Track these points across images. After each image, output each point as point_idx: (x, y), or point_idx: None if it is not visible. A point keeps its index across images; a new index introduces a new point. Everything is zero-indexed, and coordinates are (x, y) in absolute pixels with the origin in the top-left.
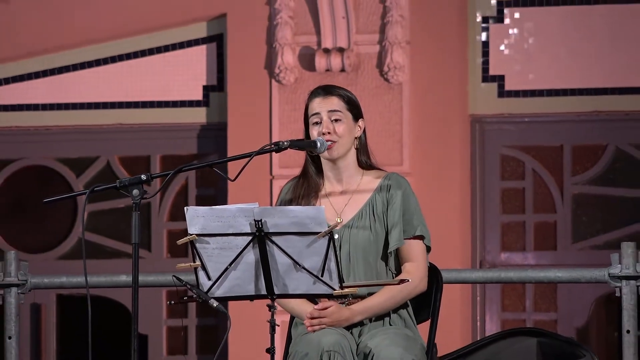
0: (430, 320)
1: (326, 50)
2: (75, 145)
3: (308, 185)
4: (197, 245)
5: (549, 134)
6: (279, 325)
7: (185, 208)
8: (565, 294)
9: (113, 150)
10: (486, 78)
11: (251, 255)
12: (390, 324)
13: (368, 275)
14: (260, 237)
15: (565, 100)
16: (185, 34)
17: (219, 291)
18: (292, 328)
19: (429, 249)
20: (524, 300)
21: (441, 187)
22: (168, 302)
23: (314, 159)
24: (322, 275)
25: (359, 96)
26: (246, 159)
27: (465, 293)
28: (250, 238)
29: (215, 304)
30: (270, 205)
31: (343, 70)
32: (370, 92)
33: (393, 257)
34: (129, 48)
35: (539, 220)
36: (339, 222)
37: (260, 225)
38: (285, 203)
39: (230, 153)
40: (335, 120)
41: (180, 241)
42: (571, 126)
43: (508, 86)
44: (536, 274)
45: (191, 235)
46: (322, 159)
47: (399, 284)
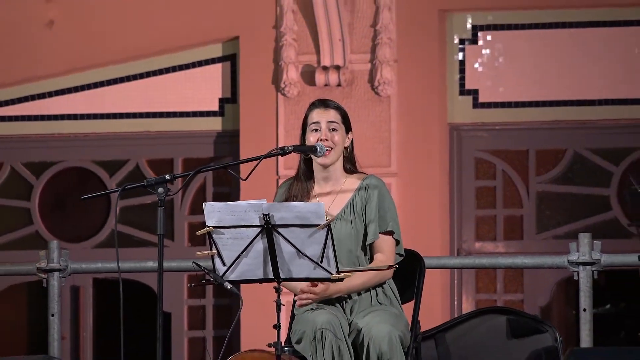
0: (414, 300)
1: (325, 68)
2: (108, 150)
3: (301, 187)
4: (214, 235)
5: (516, 140)
6: (284, 305)
7: (203, 204)
8: (530, 277)
9: (141, 153)
10: (462, 92)
11: (260, 245)
12: (379, 303)
13: (350, 262)
14: (268, 229)
15: (531, 111)
16: (204, 54)
17: (233, 275)
18: (295, 309)
19: (398, 242)
20: (495, 283)
21: (424, 186)
22: (188, 285)
23: (306, 163)
24: (322, 262)
25: (352, 107)
26: (256, 161)
27: (444, 277)
28: (259, 229)
29: (229, 286)
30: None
31: (339, 85)
32: (362, 104)
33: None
34: (155, 66)
35: (508, 214)
36: (333, 217)
37: (268, 219)
38: (282, 201)
39: (242, 156)
40: (332, 129)
41: (199, 232)
42: (535, 133)
43: (481, 99)
44: (505, 260)
45: (208, 227)
46: (315, 163)
47: (387, 270)
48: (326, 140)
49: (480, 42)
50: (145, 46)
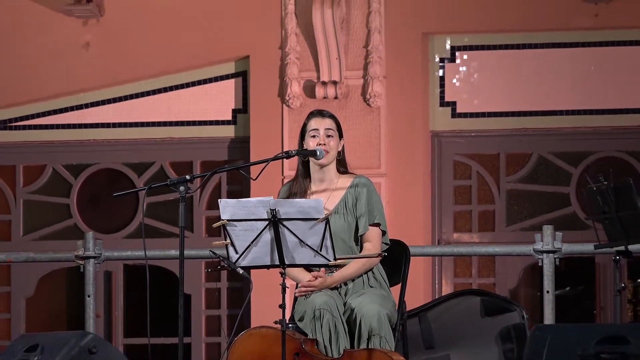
0: (400, 283)
1: (324, 83)
2: (137, 154)
3: (299, 186)
4: (228, 227)
5: (489, 145)
6: (288, 288)
7: (218, 200)
8: (501, 264)
9: (165, 157)
10: (442, 103)
11: (267, 235)
12: (370, 286)
13: (344, 251)
14: (275, 222)
15: (501, 120)
16: (219, 71)
17: (244, 262)
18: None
19: (384, 232)
20: (471, 269)
21: (409, 184)
22: (206, 270)
23: (304, 166)
24: (321, 250)
25: (347, 117)
26: (264, 164)
27: (427, 263)
28: (267, 222)
29: (241, 271)
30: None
31: (336, 97)
32: (356, 114)
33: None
34: (177, 81)
35: (481, 209)
36: (330, 211)
37: (274, 213)
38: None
39: (252, 159)
40: (328, 135)
41: (215, 225)
42: (505, 139)
43: (459, 110)
44: (479, 249)
45: (223, 220)
46: (312, 165)
47: (377, 257)
48: (324, 145)
49: (457, 61)
50: (168, 64)
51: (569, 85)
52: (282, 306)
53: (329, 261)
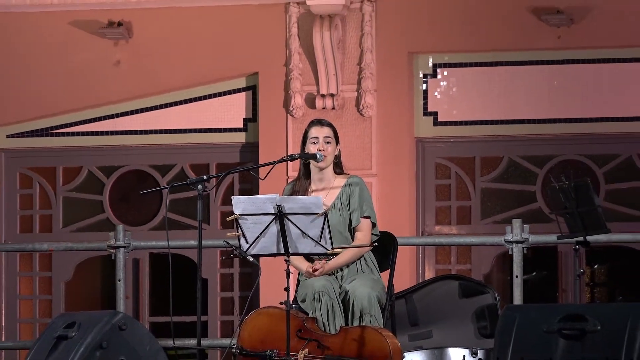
0: (389, 269)
1: (323, 95)
2: (161, 157)
3: (301, 185)
4: (239, 221)
5: (466, 149)
6: (292, 273)
7: (232, 197)
8: (476, 252)
9: (185, 159)
10: (425, 113)
11: (274, 228)
12: (362, 272)
13: (340, 241)
14: (280, 216)
15: (476, 128)
16: (232, 85)
17: (253, 251)
18: (300, 276)
19: (374, 224)
20: (450, 257)
21: (396, 184)
22: (221, 258)
23: (305, 168)
24: (320, 241)
25: (343, 125)
26: (271, 165)
27: (412, 252)
28: (273, 216)
29: (251, 259)
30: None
31: (334, 108)
32: (351, 122)
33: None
34: (195, 94)
35: (459, 205)
36: (328, 207)
37: (280, 208)
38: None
39: (261, 162)
40: (326, 142)
41: (228, 218)
42: (480, 145)
43: (440, 119)
44: (458, 239)
45: (236, 214)
46: (312, 167)
47: (369, 247)
48: (323, 150)
49: (439, 76)
50: (188, 79)
51: (535, 97)
52: (287, 289)
53: (327, 250)
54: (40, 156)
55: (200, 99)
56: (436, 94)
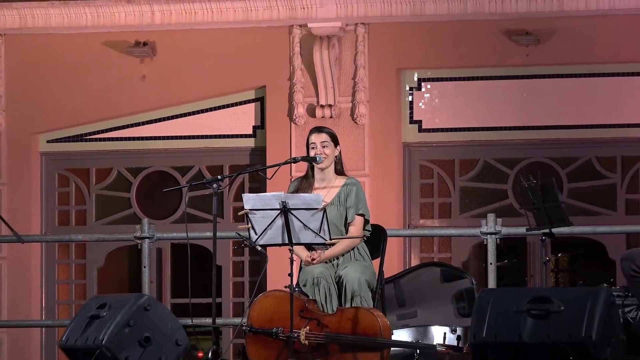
0: (379, 257)
1: (322, 106)
2: (181, 159)
3: (307, 183)
4: (249, 215)
5: (447, 153)
6: (295, 260)
7: (242, 194)
8: (455, 242)
9: (202, 162)
10: (411, 121)
11: (279, 221)
12: (355, 260)
13: (336, 234)
14: (285, 211)
15: (456, 134)
16: (242, 97)
17: (261, 241)
18: (301, 263)
19: (367, 221)
20: (433, 246)
21: (386, 182)
22: (233, 247)
23: (310, 168)
24: (320, 232)
25: (339, 132)
26: (277, 167)
27: (399, 242)
28: (279, 211)
29: (259, 248)
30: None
31: (331, 117)
32: (346, 130)
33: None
34: (211, 104)
35: (441, 201)
36: (327, 203)
37: (285, 205)
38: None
39: (268, 164)
40: (324, 146)
41: (240, 213)
42: (459, 149)
43: (424, 126)
44: (439, 231)
45: (246, 209)
46: (315, 168)
47: (359, 239)
48: (321, 154)
49: (423, 89)
50: (204, 92)
51: (507, 108)
52: (290, 275)
53: (326, 241)
54: (75, 159)
55: (215, 109)
56: (421, 104)
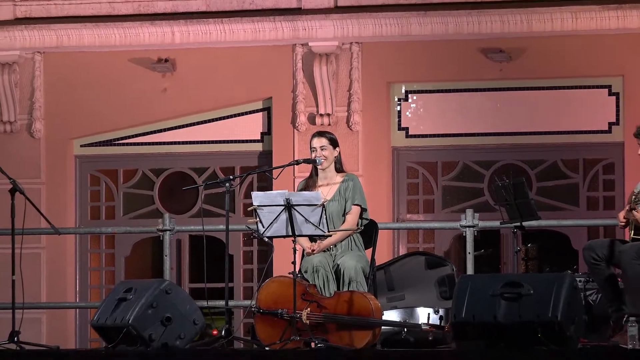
0: (372, 247)
1: (321, 115)
2: (198, 162)
3: (312, 182)
4: (257, 210)
5: (431, 156)
6: (297, 250)
7: (252, 192)
8: (438, 234)
9: (216, 164)
10: (399, 128)
11: (284, 216)
12: (351, 249)
13: (337, 224)
14: (289, 207)
15: (439, 139)
16: (251, 107)
17: (268, 233)
18: (303, 252)
19: (365, 210)
20: (418, 237)
21: (377, 182)
22: (244, 239)
23: (314, 169)
24: (319, 225)
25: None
26: (281, 168)
27: (389, 234)
28: (283, 207)
29: (266, 239)
30: (294, 191)
31: (329, 124)
32: (342, 135)
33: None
34: (224, 114)
35: (425, 198)
36: (326, 199)
37: (288, 201)
38: (301, 190)
39: (274, 165)
40: (322, 149)
41: (249, 208)
42: (441, 152)
43: (410, 132)
44: (424, 224)
45: (254, 205)
46: (318, 168)
47: (355, 230)
48: (320, 156)
49: (410, 100)
50: (218, 102)
51: (483, 116)
52: (293, 263)
53: (324, 232)
54: (105, 161)
55: (227, 117)
56: (407, 113)
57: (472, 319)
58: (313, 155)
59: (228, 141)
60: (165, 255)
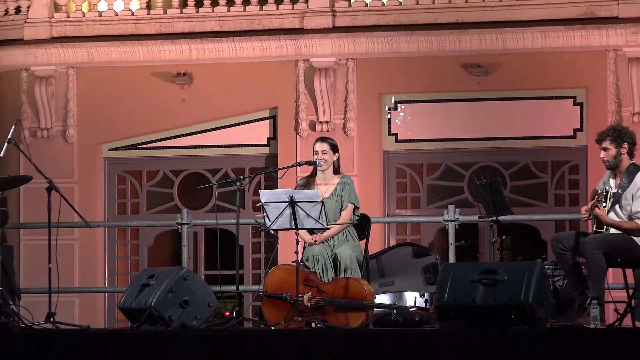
0: (366, 239)
1: (320, 122)
2: (212, 163)
3: (312, 181)
4: (264, 206)
5: (417, 158)
6: (300, 241)
7: (260, 190)
8: (424, 227)
9: (228, 165)
10: (390, 134)
11: (288, 211)
12: (347, 240)
13: (334, 219)
14: (292, 203)
15: (424, 144)
16: (259, 115)
17: (274, 227)
18: (305, 243)
19: (357, 208)
20: (406, 230)
21: (370, 181)
22: (252, 231)
23: (315, 169)
24: (319, 219)
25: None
26: (285, 169)
27: (380, 227)
28: (287, 203)
29: (272, 232)
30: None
31: (328, 130)
32: (339, 140)
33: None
34: (235, 121)
35: (412, 196)
36: (325, 197)
37: (292, 198)
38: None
39: (279, 166)
40: (323, 153)
41: (257, 205)
42: (426, 155)
43: (399, 138)
44: (412, 219)
45: (262, 202)
46: (318, 169)
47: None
48: (321, 159)
49: (399, 109)
50: (230, 111)
51: (463, 123)
52: (296, 252)
53: (324, 226)
54: (131, 163)
55: (238, 124)
56: (397, 121)
57: (454, 302)
58: (315, 158)
59: (238, 145)
60: (184, 246)
